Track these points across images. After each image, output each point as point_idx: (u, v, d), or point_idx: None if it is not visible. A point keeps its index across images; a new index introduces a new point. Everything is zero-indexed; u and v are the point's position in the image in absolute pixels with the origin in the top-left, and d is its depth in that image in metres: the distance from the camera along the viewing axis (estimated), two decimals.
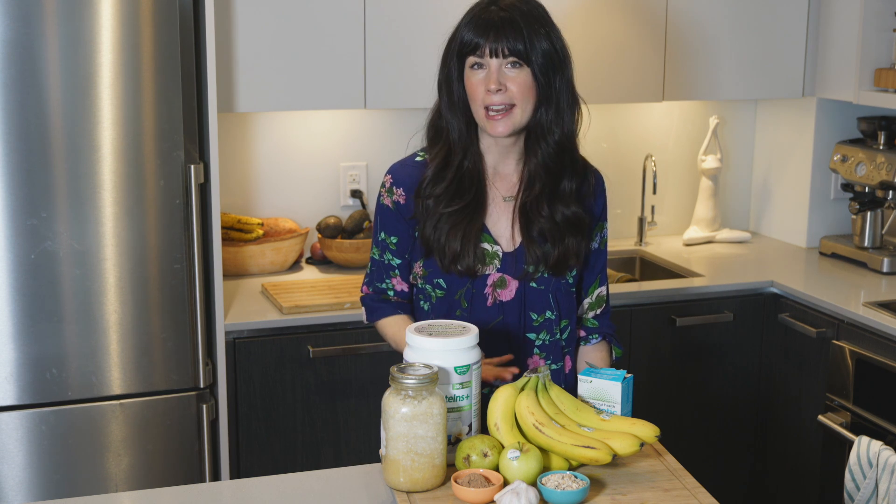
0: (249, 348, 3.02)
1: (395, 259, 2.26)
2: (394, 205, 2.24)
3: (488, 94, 2.11)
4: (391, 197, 2.24)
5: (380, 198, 2.27)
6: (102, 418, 2.84)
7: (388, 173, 2.27)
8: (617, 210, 3.97)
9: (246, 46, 3.15)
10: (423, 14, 3.28)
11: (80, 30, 2.68)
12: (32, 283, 2.73)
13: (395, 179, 2.25)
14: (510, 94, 2.12)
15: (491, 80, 2.11)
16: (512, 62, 2.11)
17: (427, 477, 1.89)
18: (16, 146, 2.68)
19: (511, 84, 2.11)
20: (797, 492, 3.41)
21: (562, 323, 2.27)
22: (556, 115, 2.16)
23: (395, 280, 2.28)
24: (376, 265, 2.30)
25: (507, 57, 2.10)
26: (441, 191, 2.18)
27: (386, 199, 2.26)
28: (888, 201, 3.56)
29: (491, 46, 2.10)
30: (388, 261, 2.27)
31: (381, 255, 2.28)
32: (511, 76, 2.11)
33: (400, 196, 2.23)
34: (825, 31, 3.68)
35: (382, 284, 2.29)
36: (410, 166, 2.25)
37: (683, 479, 1.95)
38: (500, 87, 2.11)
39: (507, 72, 2.11)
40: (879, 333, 3.03)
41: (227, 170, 3.51)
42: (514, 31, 2.10)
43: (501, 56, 2.10)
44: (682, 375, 3.44)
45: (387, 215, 2.26)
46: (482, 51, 2.11)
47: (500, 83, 2.11)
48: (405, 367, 1.91)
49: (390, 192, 2.25)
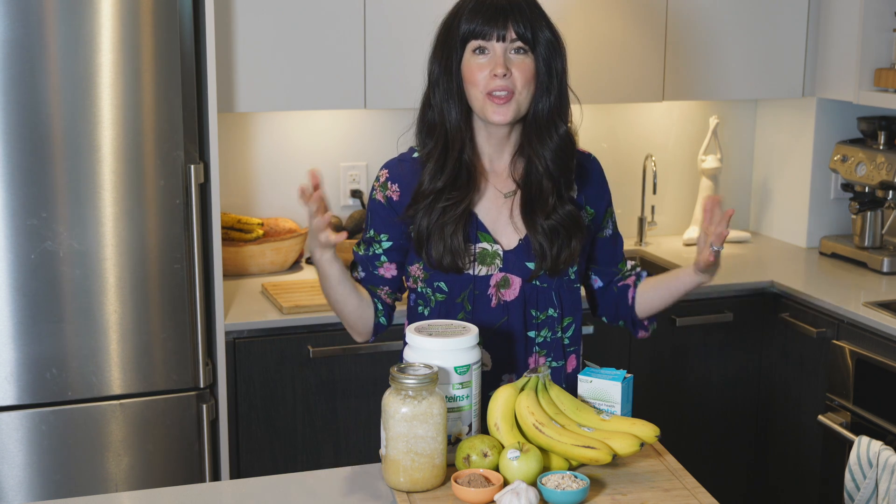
0: (249, 348, 3.02)
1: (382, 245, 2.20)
2: (386, 200, 2.19)
3: (493, 79, 2.08)
4: (384, 192, 2.20)
5: (373, 192, 2.22)
6: (102, 418, 2.85)
7: (385, 168, 2.22)
8: (617, 210, 3.96)
9: (246, 46, 3.16)
10: (423, 14, 3.27)
11: (80, 30, 2.68)
12: (32, 283, 2.73)
13: (391, 174, 2.20)
14: (512, 81, 2.09)
15: (498, 63, 2.08)
16: (517, 48, 2.10)
17: (427, 477, 1.89)
18: (16, 146, 2.68)
19: (515, 70, 2.09)
20: (797, 492, 3.41)
21: (564, 321, 2.24)
22: (558, 106, 2.15)
23: (381, 269, 2.22)
24: (360, 259, 2.23)
25: (514, 42, 2.09)
26: (442, 184, 2.13)
27: (378, 194, 2.21)
28: (888, 201, 3.56)
29: (499, 32, 2.08)
30: (373, 251, 2.21)
31: (367, 250, 2.22)
32: (516, 62, 2.10)
33: (394, 192, 2.19)
34: (825, 31, 3.68)
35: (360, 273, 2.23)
36: (408, 162, 2.21)
37: (683, 479, 1.95)
38: (507, 72, 2.08)
39: (512, 57, 2.10)
40: (879, 333, 3.03)
41: (227, 170, 3.51)
42: (522, 15, 2.09)
43: (507, 41, 2.09)
44: (682, 375, 3.44)
45: (378, 211, 2.21)
46: (489, 35, 2.09)
47: (507, 67, 2.09)
48: (405, 367, 1.91)
49: (384, 186, 2.20)
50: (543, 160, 2.16)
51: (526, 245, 2.19)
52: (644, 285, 2.30)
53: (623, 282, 2.32)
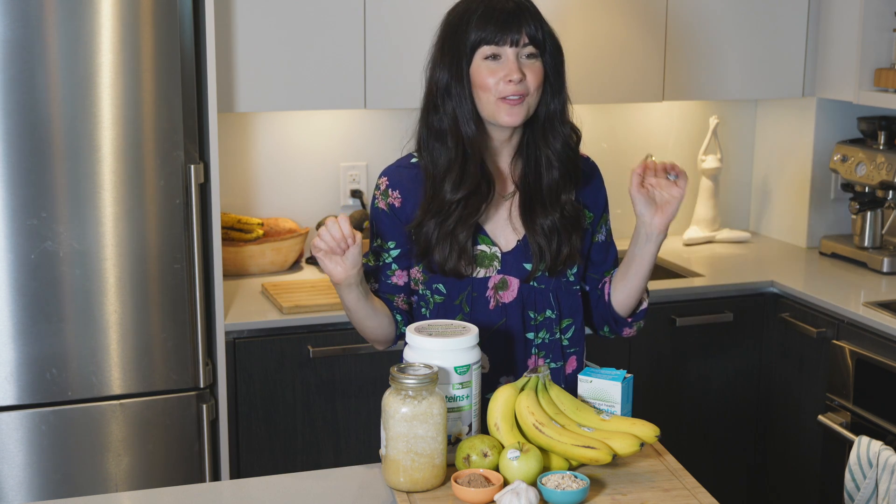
0: (249, 348, 3.02)
1: (391, 253, 2.21)
2: (389, 208, 2.20)
3: (508, 84, 2.09)
4: (386, 200, 2.20)
5: (374, 201, 2.22)
6: (102, 418, 2.85)
7: (383, 175, 2.22)
8: (617, 210, 3.96)
9: (246, 46, 3.16)
10: (423, 14, 3.28)
11: (80, 30, 2.68)
12: (32, 283, 2.73)
13: (391, 182, 2.20)
14: (526, 85, 2.10)
15: (513, 69, 2.08)
16: (529, 53, 2.11)
17: (427, 477, 1.89)
18: (16, 146, 2.68)
19: (528, 73, 2.10)
20: (797, 492, 3.41)
21: (563, 322, 2.24)
22: (562, 108, 2.17)
23: (393, 278, 2.24)
24: (371, 271, 2.24)
25: (526, 46, 2.10)
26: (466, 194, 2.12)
27: (381, 202, 2.21)
28: (888, 201, 3.56)
29: (512, 37, 2.09)
30: (383, 261, 2.22)
31: (377, 260, 2.23)
32: (528, 66, 2.11)
33: (395, 199, 2.19)
34: (825, 31, 3.68)
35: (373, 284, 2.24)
36: (407, 168, 2.21)
37: (683, 479, 1.95)
38: (522, 77, 2.09)
39: (524, 62, 2.11)
40: (879, 333, 3.03)
41: (227, 170, 3.51)
42: (532, 20, 2.10)
43: (520, 45, 2.09)
44: (682, 375, 3.44)
45: (382, 220, 2.21)
46: (503, 41, 2.09)
47: (521, 72, 2.09)
48: (405, 367, 1.91)
49: (385, 194, 2.20)
50: (549, 159, 2.16)
51: (524, 246, 2.19)
52: (615, 275, 2.26)
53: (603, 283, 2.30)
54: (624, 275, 2.23)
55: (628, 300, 2.24)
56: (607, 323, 2.29)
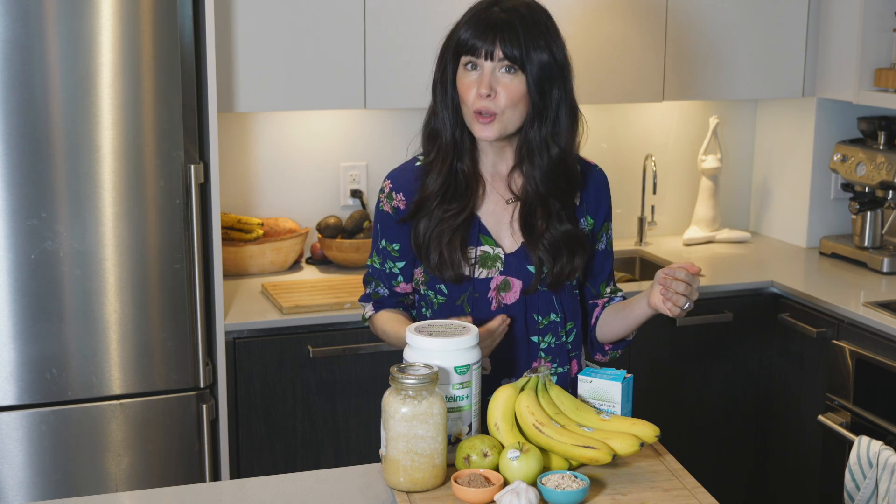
0: (249, 348, 3.02)
1: (397, 265, 2.23)
2: (393, 210, 2.20)
3: (479, 98, 2.07)
4: (391, 203, 2.21)
5: (379, 204, 2.23)
6: (102, 418, 2.85)
7: (388, 179, 2.23)
8: (617, 210, 3.97)
9: (246, 46, 3.16)
10: (423, 14, 3.28)
11: (80, 30, 2.68)
12: (32, 283, 2.73)
13: (394, 185, 2.21)
14: (497, 102, 2.06)
15: (483, 83, 2.06)
16: (507, 66, 2.06)
17: (427, 477, 1.89)
18: (16, 146, 2.68)
19: (502, 90, 2.06)
20: (797, 492, 3.41)
21: (567, 325, 2.24)
22: (552, 130, 2.11)
23: (398, 288, 2.25)
24: (377, 274, 2.25)
25: (502, 61, 2.06)
26: (436, 188, 2.13)
27: (385, 206, 2.22)
28: (888, 201, 3.56)
29: (487, 48, 2.05)
30: (389, 269, 2.23)
31: (383, 264, 2.24)
32: (504, 81, 2.06)
33: (400, 201, 2.20)
34: (825, 31, 3.68)
35: (383, 290, 2.27)
36: (410, 171, 2.21)
37: (683, 479, 1.95)
38: (490, 93, 2.05)
39: (500, 76, 2.07)
40: (879, 333, 3.03)
41: (227, 170, 3.51)
42: (512, 35, 2.05)
43: (496, 59, 2.06)
44: (682, 375, 3.44)
45: (387, 222, 2.22)
46: (478, 51, 2.06)
47: (492, 87, 2.06)
48: (405, 367, 1.91)
49: (390, 197, 2.21)
50: (534, 181, 2.14)
51: (526, 248, 2.19)
52: (609, 310, 2.27)
53: (594, 300, 2.30)
54: (617, 314, 2.24)
55: (612, 336, 2.27)
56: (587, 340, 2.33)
